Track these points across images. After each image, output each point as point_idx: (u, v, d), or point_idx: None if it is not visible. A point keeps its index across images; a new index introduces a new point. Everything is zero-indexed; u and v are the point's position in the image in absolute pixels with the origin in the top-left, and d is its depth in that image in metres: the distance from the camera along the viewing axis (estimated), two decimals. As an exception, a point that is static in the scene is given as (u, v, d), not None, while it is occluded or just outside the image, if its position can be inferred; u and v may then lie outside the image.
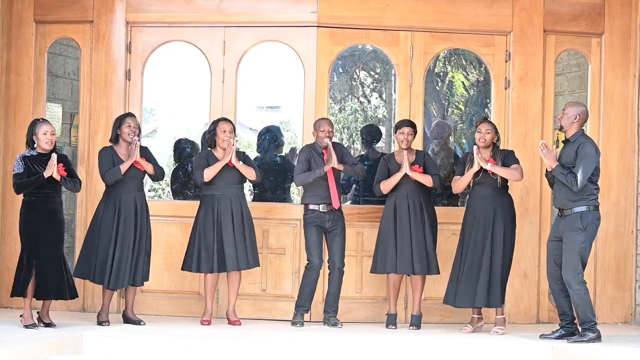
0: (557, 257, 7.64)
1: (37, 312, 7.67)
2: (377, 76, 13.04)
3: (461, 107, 12.68)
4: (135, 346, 7.33)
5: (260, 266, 8.31)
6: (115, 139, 8.05)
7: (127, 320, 8.05)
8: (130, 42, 8.83)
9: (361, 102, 13.24)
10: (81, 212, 8.76)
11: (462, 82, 12.55)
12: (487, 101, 9.76)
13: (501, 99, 8.87)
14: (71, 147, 9.37)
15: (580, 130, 7.66)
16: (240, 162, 8.10)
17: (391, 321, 8.24)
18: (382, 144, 10.88)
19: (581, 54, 9.00)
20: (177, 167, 9.84)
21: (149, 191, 9.95)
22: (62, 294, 7.62)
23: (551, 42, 8.86)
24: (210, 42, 8.83)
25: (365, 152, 9.78)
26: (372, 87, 13.28)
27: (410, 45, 8.83)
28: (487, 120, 8.15)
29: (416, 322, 8.23)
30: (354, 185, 9.41)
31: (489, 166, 7.88)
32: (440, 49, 9.07)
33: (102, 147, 8.13)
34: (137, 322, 8.00)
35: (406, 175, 8.15)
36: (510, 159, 8.00)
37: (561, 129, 7.76)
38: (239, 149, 8.30)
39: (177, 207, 8.95)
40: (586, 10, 8.88)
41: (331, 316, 8.23)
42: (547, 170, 7.77)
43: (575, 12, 8.87)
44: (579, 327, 7.57)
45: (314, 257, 8.18)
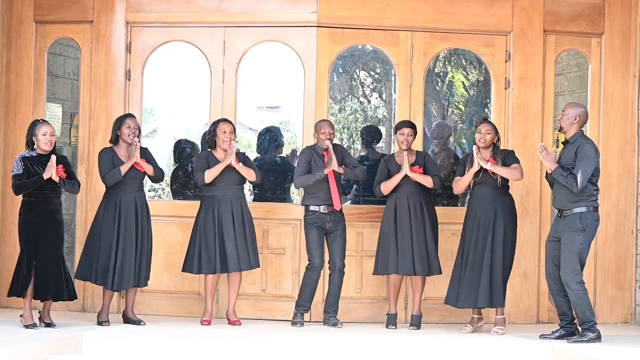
0: (556, 258, 7.64)
1: (39, 312, 7.67)
2: (377, 76, 13.04)
3: (461, 107, 12.67)
4: (135, 346, 7.33)
5: (260, 267, 8.31)
6: (115, 139, 8.05)
7: (127, 320, 8.05)
8: (130, 42, 8.83)
9: (361, 102, 13.23)
10: (81, 212, 8.76)
11: (462, 82, 12.55)
12: (487, 101, 9.76)
13: (501, 99, 8.86)
14: (71, 147, 9.37)
15: (579, 131, 7.66)
16: (240, 163, 8.10)
17: (391, 321, 8.24)
18: (382, 144, 10.88)
19: (581, 54, 9.00)
20: (177, 167, 9.84)
21: (149, 191, 9.93)
22: (60, 295, 7.61)
23: (551, 42, 8.86)
24: (210, 42, 8.83)
25: (365, 153, 9.77)
26: (372, 87, 13.27)
27: (410, 45, 8.83)
28: (486, 120, 8.14)
29: (416, 322, 8.23)
30: (354, 185, 9.40)
31: (489, 166, 7.88)
32: (440, 49, 9.07)
33: (102, 148, 8.12)
34: (137, 322, 7.99)
35: (406, 176, 8.14)
36: (510, 159, 8.00)
37: (561, 129, 7.76)
38: (239, 150, 8.30)
39: (177, 207, 8.95)
40: (586, 10, 8.88)
41: (331, 316, 8.23)
42: (547, 172, 7.77)
43: (575, 12, 8.87)
44: (579, 327, 7.58)
45: (314, 258, 8.18)
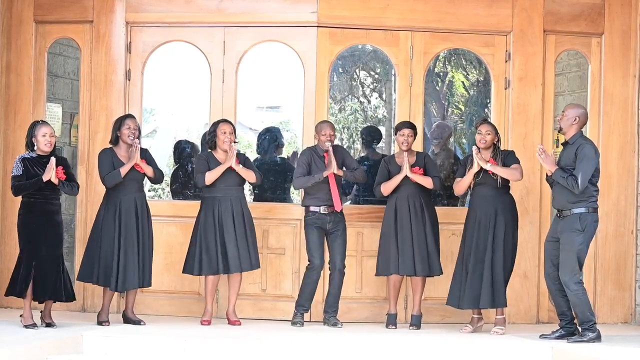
0: (555, 258, 7.64)
1: (40, 312, 7.67)
2: (377, 76, 13.03)
3: (461, 107, 12.66)
4: (135, 346, 7.33)
5: (260, 267, 8.31)
6: (115, 140, 8.05)
7: (127, 320, 8.05)
8: (130, 42, 8.83)
9: (361, 102, 13.22)
10: (81, 212, 8.76)
11: (462, 82, 12.54)
12: (487, 101, 9.76)
13: (501, 99, 8.86)
14: (71, 147, 9.37)
15: (578, 132, 7.65)
16: (240, 165, 8.10)
17: (391, 321, 8.24)
18: (382, 144, 10.87)
19: (581, 54, 9.00)
20: (177, 167, 9.83)
21: (149, 191, 9.92)
22: (58, 295, 7.60)
23: (551, 42, 8.86)
24: (210, 42, 8.83)
25: (365, 153, 9.77)
26: (372, 87, 13.26)
27: (410, 45, 8.83)
28: (486, 121, 8.14)
29: (416, 322, 8.22)
30: (354, 185, 9.40)
31: (489, 166, 7.87)
32: (440, 49, 9.06)
33: (102, 149, 8.12)
34: (137, 322, 7.99)
35: (407, 176, 8.14)
36: (510, 159, 8.00)
37: (560, 130, 7.75)
38: (239, 151, 8.30)
39: (177, 207, 8.94)
40: (586, 10, 8.88)
41: (331, 316, 8.23)
42: (547, 174, 7.76)
43: (575, 12, 8.87)
44: (579, 327, 7.57)
45: (315, 258, 8.18)
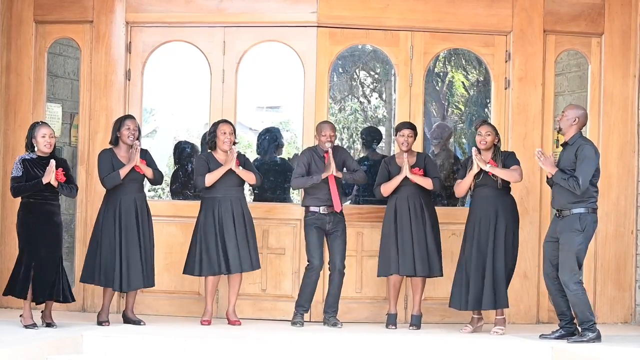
0: (554, 258, 7.64)
1: (41, 312, 7.66)
2: (377, 76, 13.02)
3: (461, 107, 12.66)
4: (135, 346, 7.33)
5: (260, 267, 8.31)
6: (114, 141, 8.04)
7: (127, 320, 8.05)
8: (130, 42, 8.82)
9: (361, 102, 13.21)
10: (81, 212, 8.76)
11: (462, 82, 12.53)
12: (487, 101, 9.76)
13: (501, 99, 8.86)
14: (71, 147, 9.36)
15: (578, 132, 7.65)
16: (240, 167, 8.09)
17: (391, 321, 8.24)
18: (382, 145, 10.87)
19: (581, 54, 9.00)
20: (177, 167, 9.83)
21: (149, 191, 9.91)
22: (56, 296, 7.59)
23: (551, 42, 8.86)
24: (210, 42, 8.83)
25: (365, 154, 9.77)
26: (372, 87, 13.26)
27: (410, 45, 8.83)
28: (486, 122, 8.14)
29: (416, 322, 8.23)
30: (354, 185, 9.39)
31: (488, 167, 7.87)
32: (440, 49, 9.06)
33: (101, 150, 8.12)
34: (137, 322, 7.99)
35: (406, 177, 8.14)
36: (510, 160, 7.99)
37: (559, 131, 7.75)
38: (239, 151, 8.28)
39: (177, 207, 8.94)
40: (586, 10, 8.88)
41: (331, 316, 8.23)
42: (548, 177, 7.76)
43: (575, 12, 8.87)
44: (579, 327, 7.57)
45: (314, 259, 8.18)
